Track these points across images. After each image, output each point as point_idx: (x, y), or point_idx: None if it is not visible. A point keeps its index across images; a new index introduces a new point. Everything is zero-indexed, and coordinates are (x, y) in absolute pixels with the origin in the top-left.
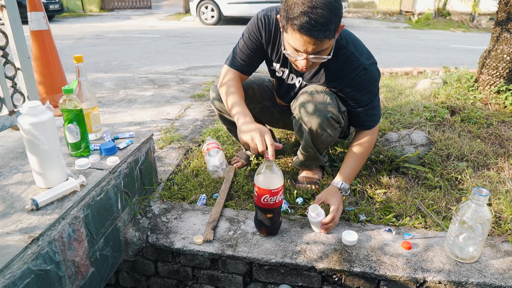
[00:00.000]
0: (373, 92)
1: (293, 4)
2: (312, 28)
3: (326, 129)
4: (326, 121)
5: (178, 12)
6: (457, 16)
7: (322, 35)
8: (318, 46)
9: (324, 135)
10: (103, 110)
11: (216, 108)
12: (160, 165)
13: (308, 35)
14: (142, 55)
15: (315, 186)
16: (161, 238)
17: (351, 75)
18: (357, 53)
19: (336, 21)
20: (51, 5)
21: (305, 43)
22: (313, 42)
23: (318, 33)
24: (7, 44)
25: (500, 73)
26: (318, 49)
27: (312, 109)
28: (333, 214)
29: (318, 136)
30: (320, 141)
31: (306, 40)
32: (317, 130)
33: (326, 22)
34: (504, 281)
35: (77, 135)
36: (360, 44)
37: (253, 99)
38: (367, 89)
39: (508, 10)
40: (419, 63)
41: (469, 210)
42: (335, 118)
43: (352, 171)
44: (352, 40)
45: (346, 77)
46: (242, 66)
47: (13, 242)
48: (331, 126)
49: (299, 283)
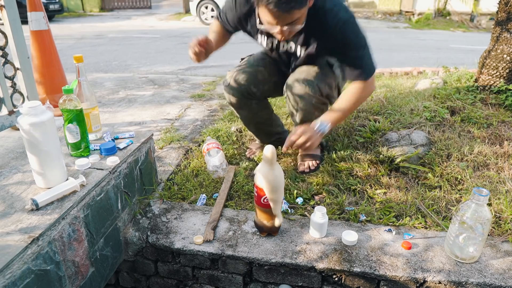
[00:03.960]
0: (360, 43)
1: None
2: (278, 2)
3: (314, 112)
4: (312, 107)
5: (178, 12)
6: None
7: (289, 6)
8: (289, 18)
9: (313, 117)
10: (103, 110)
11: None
12: (160, 165)
13: (276, 9)
14: (142, 55)
15: (315, 161)
16: (161, 238)
17: (335, 30)
18: (335, 8)
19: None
20: (51, 5)
21: (275, 17)
22: (283, 15)
23: (285, 5)
24: (6, 44)
25: (500, 73)
26: (289, 20)
27: (299, 96)
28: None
29: (308, 119)
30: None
31: (276, 14)
32: (305, 114)
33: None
34: (504, 281)
35: (77, 135)
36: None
37: (264, 82)
38: (353, 40)
39: (508, 10)
40: (419, 63)
41: (469, 210)
42: (321, 101)
43: (337, 114)
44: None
45: (332, 32)
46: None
47: (13, 242)
48: (317, 109)
49: (299, 283)
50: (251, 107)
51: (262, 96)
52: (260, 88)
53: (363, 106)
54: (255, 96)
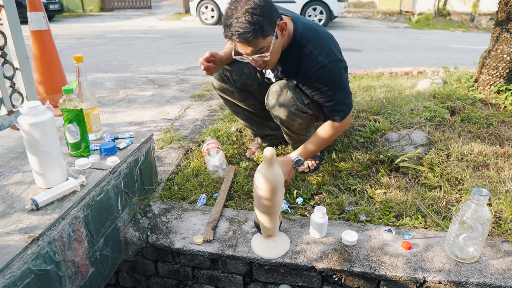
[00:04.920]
0: (335, 88)
1: (223, 18)
2: (237, 35)
3: (295, 118)
4: (291, 114)
5: (178, 12)
6: (457, 16)
7: (252, 36)
8: (254, 47)
9: (295, 124)
10: (103, 110)
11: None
12: (160, 165)
13: (238, 41)
14: (142, 55)
15: (314, 161)
16: (161, 238)
17: (310, 73)
18: (316, 52)
19: (261, 21)
20: (51, 5)
21: (241, 47)
22: (246, 45)
23: (244, 36)
24: (5, 44)
25: (500, 73)
26: (255, 49)
27: (278, 104)
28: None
29: (290, 125)
30: (295, 129)
31: (239, 45)
32: (287, 121)
33: (248, 26)
34: (504, 281)
35: (77, 135)
36: (322, 43)
37: (249, 77)
38: (328, 85)
39: (508, 10)
40: (419, 63)
41: (469, 210)
42: (300, 109)
43: (311, 151)
44: (313, 39)
45: (307, 75)
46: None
47: (13, 242)
48: (298, 116)
49: (299, 283)
50: (233, 95)
51: (242, 87)
52: (243, 78)
53: (363, 106)
54: (234, 84)
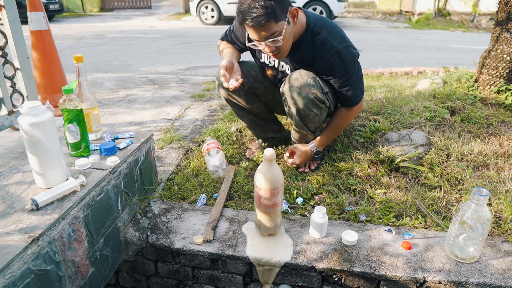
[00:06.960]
0: (350, 73)
1: (237, 5)
2: (250, 19)
3: (312, 108)
4: (311, 102)
5: (178, 12)
6: (457, 16)
7: (261, 20)
8: (266, 31)
9: (311, 115)
10: (103, 110)
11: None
12: (160, 165)
13: (251, 25)
14: (142, 55)
15: (316, 161)
16: (161, 238)
17: (326, 58)
18: (330, 37)
19: (273, 6)
20: (51, 5)
21: (254, 33)
22: (259, 29)
23: (257, 19)
24: (6, 44)
25: (500, 73)
26: (268, 33)
27: (298, 92)
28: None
29: (305, 116)
30: (309, 120)
31: (252, 30)
32: (303, 110)
33: (261, 9)
34: (504, 281)
35: (77, 135)
36: (334, 29)
37: (257, 79)
38: (342, 70)
39: (508, 10)
40: (419, 63)
41: (469, 210)
42: (319, 98)
43: (326, 139)
44: (326, 26)
45: (323, 59)
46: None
47: (13, 242)
48: (316, 106)
49: (299, 283)
50: (240, 98)
51: (249, 90)
52: (251, 81)
53: (363, 106)
54: (242, 87)
